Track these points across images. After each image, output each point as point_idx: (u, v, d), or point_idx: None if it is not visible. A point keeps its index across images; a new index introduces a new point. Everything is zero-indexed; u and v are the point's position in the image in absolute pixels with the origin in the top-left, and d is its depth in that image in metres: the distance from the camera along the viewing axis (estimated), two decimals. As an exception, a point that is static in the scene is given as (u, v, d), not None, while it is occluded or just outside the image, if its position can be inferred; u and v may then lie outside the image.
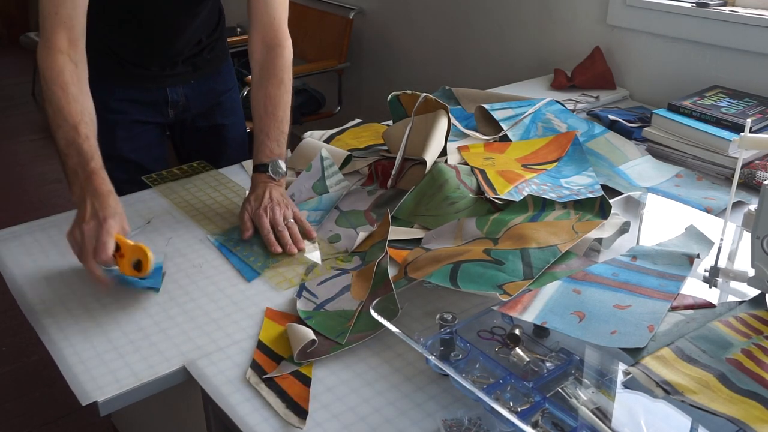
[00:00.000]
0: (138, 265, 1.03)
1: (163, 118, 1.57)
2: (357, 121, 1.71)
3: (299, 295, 1.06)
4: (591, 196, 1.20)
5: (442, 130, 1.38)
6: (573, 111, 1.71)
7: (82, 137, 1.10)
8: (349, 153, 1.45)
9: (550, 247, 1.04)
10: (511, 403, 0.80)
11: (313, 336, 0.93)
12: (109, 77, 1.46)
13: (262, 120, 1.33)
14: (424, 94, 1.42)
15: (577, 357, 0.87)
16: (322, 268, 1.14)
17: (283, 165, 1.29)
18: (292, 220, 1.24)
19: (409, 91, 1.45)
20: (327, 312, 1.02)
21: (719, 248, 1.07)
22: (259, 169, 1.29)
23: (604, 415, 0.78)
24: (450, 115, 1.40)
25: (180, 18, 1.45)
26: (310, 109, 3.10)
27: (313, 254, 1.17)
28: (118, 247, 1.03)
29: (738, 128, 1.45)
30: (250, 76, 2.63)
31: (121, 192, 1.39)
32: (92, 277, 1.02)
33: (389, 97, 1.48)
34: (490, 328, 0.93)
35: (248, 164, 1.50)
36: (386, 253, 1.11)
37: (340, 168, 1.42)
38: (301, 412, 0.83)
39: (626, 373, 0.82)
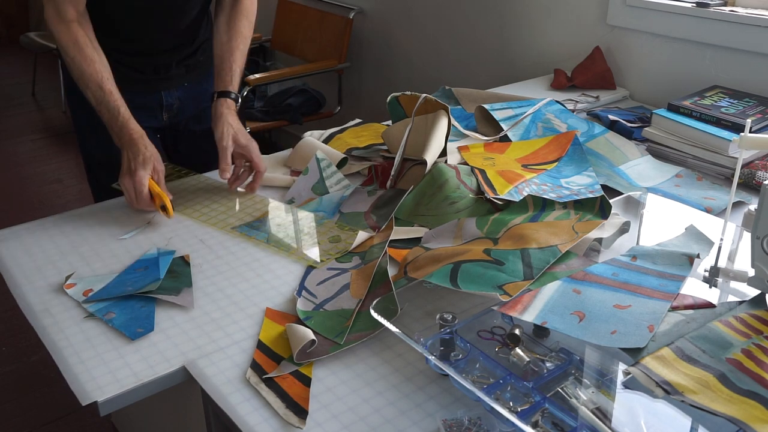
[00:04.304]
0: (164, 208, 1.25)
1: (157, 122, 1.56)
2: (357, 121, 1.71)
3: (299, 294, 1.06)
4: (591, 196, 1.20)
5: (442, 131, 1.38)
6: (573, 111, 1.71)
7: (107, 93, 1.29)
8: (345, 156, 1.45)
9: (550, 248, 1.04)
10: (511, 403, 0.80)
11: (312, 336, 0.93)
12: None
13: (224, 48, 1.44)
14: (424, 94, 1.42)
15: (577, 357, 0.87)
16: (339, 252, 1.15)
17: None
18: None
19: (408, 93, 1.45)
20: (326, 312, 1.02)
21: (719, 248, 1.07)
22: (225, 95, 1.41)
23: (604, 415, 0.78)
24: (450, 116, 1.40)
25: (173, 15, 1.46)
26: (310, 109, 3.09)
27: (313, 253, 1.17)
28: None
29: (738, 128, 1.45)
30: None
31: (114, 197, 1.40)
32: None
33: (389, 98, 1.48)
34: (490, 328, 0.93)
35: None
36: (386, 252, 1.11)
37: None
38: (301, 412, 0.83)
39: (626, 373, 0.82)
